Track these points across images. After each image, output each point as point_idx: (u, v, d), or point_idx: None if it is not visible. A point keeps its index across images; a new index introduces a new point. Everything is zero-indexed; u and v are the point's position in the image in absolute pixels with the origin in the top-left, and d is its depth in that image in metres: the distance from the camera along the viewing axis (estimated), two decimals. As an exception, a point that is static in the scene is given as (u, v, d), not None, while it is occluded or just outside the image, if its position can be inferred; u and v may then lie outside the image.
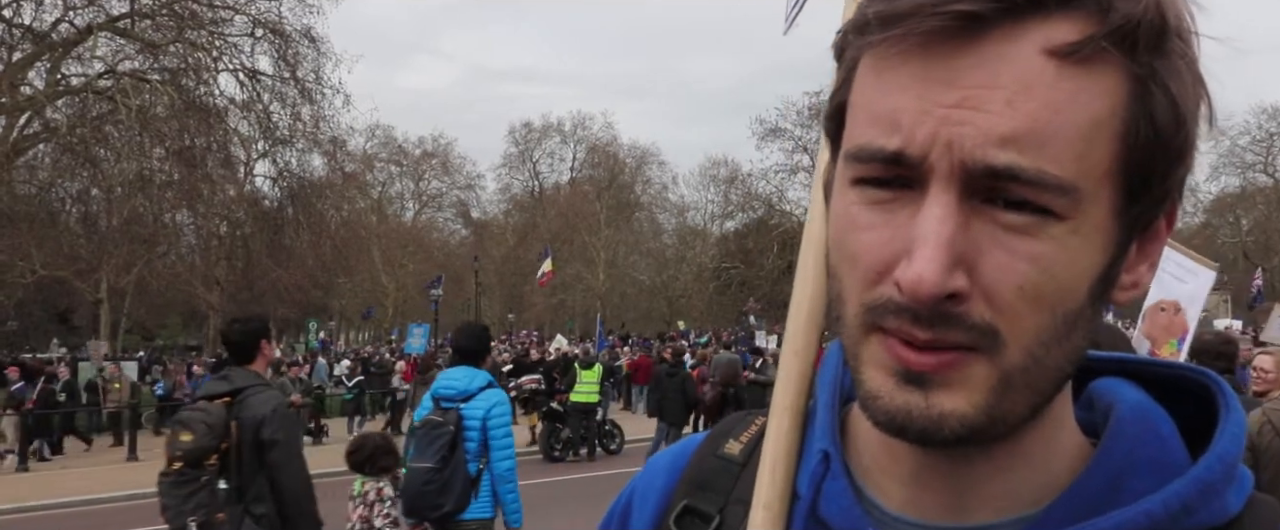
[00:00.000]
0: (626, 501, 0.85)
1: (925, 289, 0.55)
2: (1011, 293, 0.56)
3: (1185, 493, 0.62)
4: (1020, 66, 0.55)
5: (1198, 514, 0.62)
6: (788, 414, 0.75)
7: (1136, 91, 0.57)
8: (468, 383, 5.67)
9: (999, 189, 0.56)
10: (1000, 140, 0.55)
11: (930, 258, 0.55)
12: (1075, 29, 0.55)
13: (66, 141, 28.83)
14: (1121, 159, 0.58)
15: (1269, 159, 50.89)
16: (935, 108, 0.56)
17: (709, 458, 0.80)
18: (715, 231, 59.17)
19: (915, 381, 0.58)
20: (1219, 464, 0.63)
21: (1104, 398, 0.69)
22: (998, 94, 0.55)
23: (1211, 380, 0.71)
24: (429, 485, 5.41)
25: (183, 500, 4.60)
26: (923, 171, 0.56)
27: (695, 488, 0.78)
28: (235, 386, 4.82)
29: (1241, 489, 0.65)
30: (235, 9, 30.73)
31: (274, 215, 35.34)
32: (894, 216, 0.58)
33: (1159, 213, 0.62)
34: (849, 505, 0.68)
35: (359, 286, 50.26)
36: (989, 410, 0.58)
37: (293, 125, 33.09)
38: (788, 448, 0.74)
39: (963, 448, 0.61)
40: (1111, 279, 0.61)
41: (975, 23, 0.55)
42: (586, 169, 59.95)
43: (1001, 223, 0.56)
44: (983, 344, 0.57)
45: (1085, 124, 0.56)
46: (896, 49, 0.57)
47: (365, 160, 53.21)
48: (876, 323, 0.59)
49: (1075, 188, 0.56)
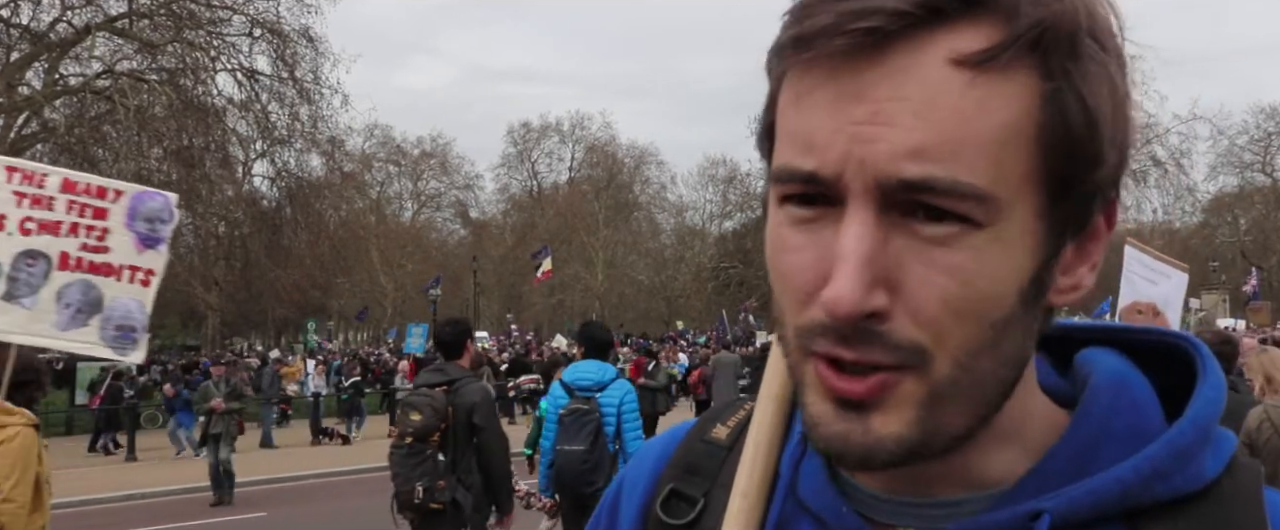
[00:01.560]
0: (617, 490, 0.86)
1: (843, 308, 0.55)
2: (935, 307, 0.56)
3: (1157, 457, 0.61)
4: (926, 78, 0.55)
5: (1172, 479, 0.61)
6: (773, 403, 0.76)
7: (1048, 95, 0.57)
8: (600, 375, 6.38)
9: (917, 201, 0.56)
10: (910, 153, 0.55)
11: (848, 276, 0.55)
12: (981, 37, 0.55)
13: (65, 141, 28.80)
14: (1039, 164, 0.57)
15: (1267, 158, 50.92)
16: (846, 125, 0.56)
17: (696, 443, 0.81)
18: (714, 231, 59.25)
19: (853, 408, 0.59)
20: (1193, 428, 0.63)
21: (1083, 367, 0.70)
22: (906, 106, 0.55)
23: (1191, 344, 0.71)
24: (584, 465, 6.04)
25: (412, 469, 5.54)
26: (840, 189, 0.57)
27: (682, 472, 0.79)
28: (450, 377, 5.76)
29: (1219, 452, 0.64)
30: (233, 9, 30.73)
31: (272, 215, 35.34)
32: (819, 236, 0.58)
33: (1091, 213, 0.62)
34: (823, 485, 0.70)
35: (357, 286, 50.27)
36: (922, 425, 0.59)
37: (291, 125, 33.13)
38: (770, 436, 0.74)
39: (918, 463, 0.61)
40: (1045, 282, 0.61)
41: (881, 37, 0.55)
42: (585, 169, 59.98)
43: (921, 235, 0.56)
44: (910, 362, 0.57)
45: (997, 131, 0.56)
46: (810, 69, 0.57)
47: (363, 160, 53.24)
48: (809, 346, 0.59)
49: (992, 195, 0.56)
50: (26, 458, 4.01)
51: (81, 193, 4.85)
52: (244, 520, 12.74)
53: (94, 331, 4.85)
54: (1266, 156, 50.82)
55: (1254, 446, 4.36)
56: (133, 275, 4.89)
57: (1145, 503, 0.61)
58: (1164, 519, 0.62)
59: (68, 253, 4.74)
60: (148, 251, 4.96)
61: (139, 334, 4.95)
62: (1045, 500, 0.62)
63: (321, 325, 49.46)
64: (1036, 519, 0.61)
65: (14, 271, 4.62)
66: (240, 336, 54.33)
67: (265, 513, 13.00)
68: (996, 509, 0.63)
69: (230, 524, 12.64)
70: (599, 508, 0.88)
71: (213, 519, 12.93)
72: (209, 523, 12.79)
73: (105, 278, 4.82)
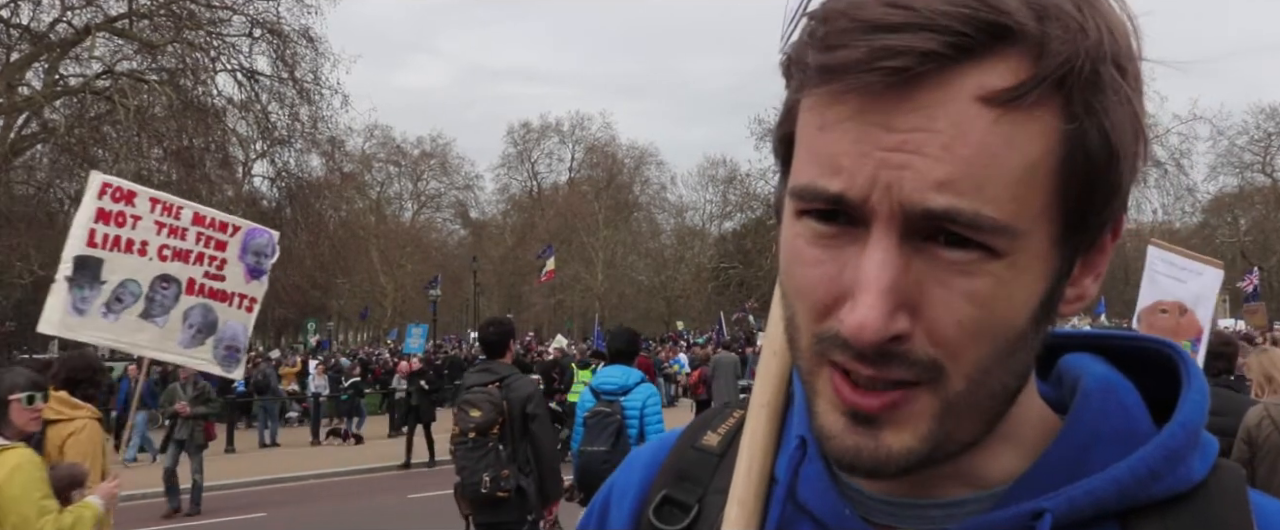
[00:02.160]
0: (605, 497, 0.86)
1: (867, 336, 0.57)
2: (953, 329, 0.58)
3: (1151, 459, 0.63)
4: (955, 113, 0.56)
5: (1164, 479, 0.63)
6: (765, 411, 0.77)
7: (1071, 131, 0.57)
8: (624, 379, 6.67)
9: (939, 230, 0.57)
10: (937, 184, 0.56)
11: (872, 305, 0.57)
12: (1009, 73, 0.56)
13: (64, 142, 28.79)
14: (1058, 195, 0.59)
15: (1267, 159, 50.90)
16: (874, 151, 0.57)
17: (688, 449, 0.82)
18: (714, 231, 59.22)
19: (865, 422, 0.60)
20: (1182, 431, 0.65)
21: (1070, 372, 0.72)
22: (934, 138, 0.56)
23: (1173, 351, 0.73)
24: (605, 465, 6.21)
25: (476, 462, 5.83)
26: (865, 213, 0.58)
27: (674, 478, 0.80)
28: (499, 374, 6.05)
29: (1206, 455, 0.66)
30: (233, 9, 30.72)
31: (272, 215, 35.24)
32: (840, 253, 0.59)
33: (1104, 234, 0.64)
34: (825, 488, 0.70)
35: (357, 287, 50.27)
36: (933, 439, 0.60)
37: (291, 125, 33.11)
38: (764, 444, 0.75)
39: (929, 471, 0.63)
40: (1056, 300, 0.63)
41: (909, 74, 0.56)
42: (585, 169, 59.96)
43: (942, 260, 0.57)
44: (925, 377, 0.59)
45: (1021, 167, 0.57)
46: (837, 96, 0.58)
47: (363, 160, 53.24)
48: (826, 355, 0.61)
49: (1012, 228, 0.57)
50: (95, 449, 4.35)
51: (208, 225, 5.52)
52: (244, 520, 12.75)
53: (208, 350, 5.55)
54: (1266, 157, 50.81)
55: (1254, 443, 4.38)
56: (241, 301, 5.63)
57: (1139, 503, 0.63)
58: (1155, 518, 0.63)
59: (194, 279, 5.41)
60: (253, 281, 5.71)
61: (241, 353, 5.76)
62: (1046, 500, 0.63)
63: (321, 325, 49.42)
64: (1038, 518, 0.63)
65: (151, 293, 5.26)
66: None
67: (265, 513, 13.01)
68: (998, 509, 0.65)
69: (230, 524, 12.64)
70: (587, 513, 0.88)
71: (212, 519, 12.93)
72: (208, 523, 12.79)
73: (221, 303, 5.52)
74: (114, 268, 5.22)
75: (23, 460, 3.68)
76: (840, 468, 0.63)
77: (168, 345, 5.36)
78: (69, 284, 5.12)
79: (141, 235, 5.30)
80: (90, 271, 5.16)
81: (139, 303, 5.24)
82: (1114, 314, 34.87)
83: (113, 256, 5.23)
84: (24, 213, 28.36)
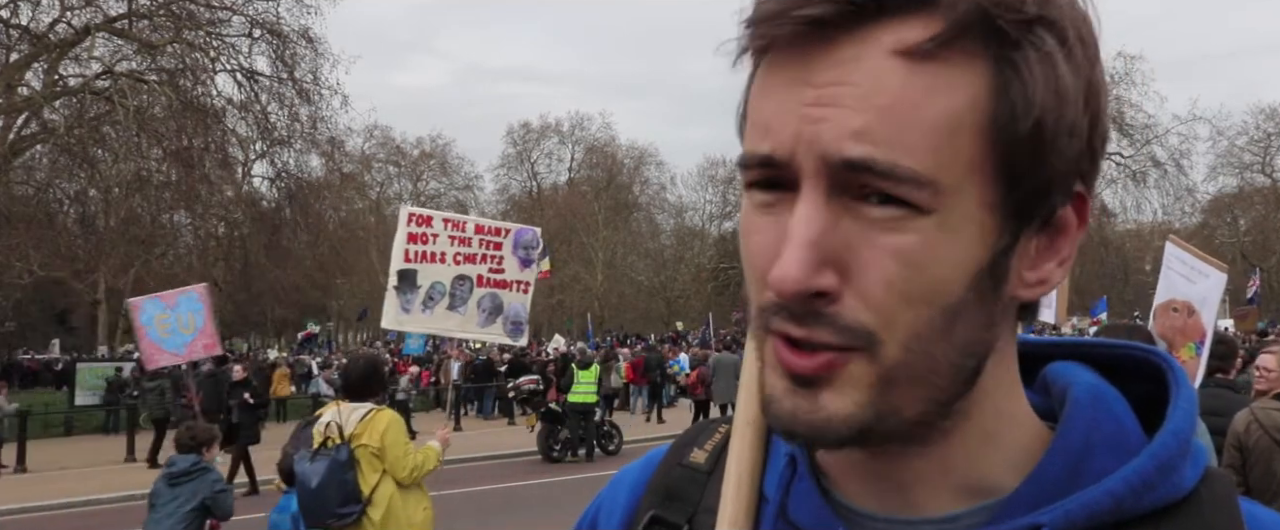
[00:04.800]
0: (593, 516, 0.85)
1: (789, 286, 0.57)
2: (881, 288, 0.57)
3: (1145, 469, 0.63)
4: (872, 67, 0.56)
5: (1158, 489, 0.63)
6: (750, 428, 0.75)
7: (995, 84, 0.57)
8: None
9: (864, 184, 0.57)
10: (854, 133, 0.56)
11: (794, 256, 0.57)
12: (924, 28, 0.56)
13: (64, 142, 28.81)
14: (986, 151, 0.58)
15: (1267, 159, 50.93)
16: (798, 108, 0.58)
17: (675, 467, 0.80)
18: (713, 232, 59.21)
19: (803, 384, 0.60)
20: (1174, 440, 0.64)
21: (1058, 381, 0.70)
22: (852, 91, 0.56)
23: (1161, 358, 0.72)
24: None
25: None
26: (793, 171, 0.58)
27: (662, 497, 0.79)
28: None
29: (1196, 463, 0.65)
30: (233, 9, 30.75)
31: (272, 216, 35.35)
32: (778, 219, 0.60)
33: (1050, 205, 0.61)
34: (817, 506, 0.69)
35: (357, 287, 50.24)
36: (875, 406, 0.59)
37: (290, 126, 33.15)
38: (751, 461, 0.74)
39: (862, 447, 0.62)
40: (1001, 273, 0.61)
41: (827, 28, 0.57)
42: (584, 169, 59.93)
43: (869, 218, 0.57)
44: (858, 344, 0.58)
45: (940, 118, 0.56)
46: (758, 48, 0.60)
47: (363, 161, 53.23)
48: (768, 325, 0.61)
49: (934, 180, 0.56)
50: None
51: (487, 233, 7.19)
52: (244, 520, 12.73)
53: (499, 327, 7.24)
54: (1266, 157, 50.84)
55: (1244, 448, 4.36)
56: (518, 286, 7.21)
57: (1133, 514, 0.63)
58: (1149, 528, 0.63)
59: (482, 275, 7.04)
60: (525, 269, 7.25)
61: (524, 325, 7.46)
62: (1042, 515, 0.62)
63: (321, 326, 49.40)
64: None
65: (453, 290, 6.95)
66: (240, 337, 54.31)
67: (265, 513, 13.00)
68: (994, 523, 0.64)
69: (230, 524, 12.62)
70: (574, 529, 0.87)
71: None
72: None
73: (503, 290, 7.12)
74: (424, 275, 6.91)
75: (393, 417, 5.38)
76: (781, 432, 0.62)
77: (469, 327, 7.11)
78: (396, 291, 6.87)
79: (440, 248, 6.94)
80: (409, 280, 6.85)
81: (445, 298, 6.90)
82: (1114, 315, 34.81)
83: (422, 267, 6.90)
84: (24, 213, 28.37)
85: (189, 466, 6.67)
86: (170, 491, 6.60)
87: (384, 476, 5.26)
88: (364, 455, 5.22)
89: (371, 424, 5.27)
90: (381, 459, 5.24)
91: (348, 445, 5.22)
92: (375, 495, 5.22)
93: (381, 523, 5.20)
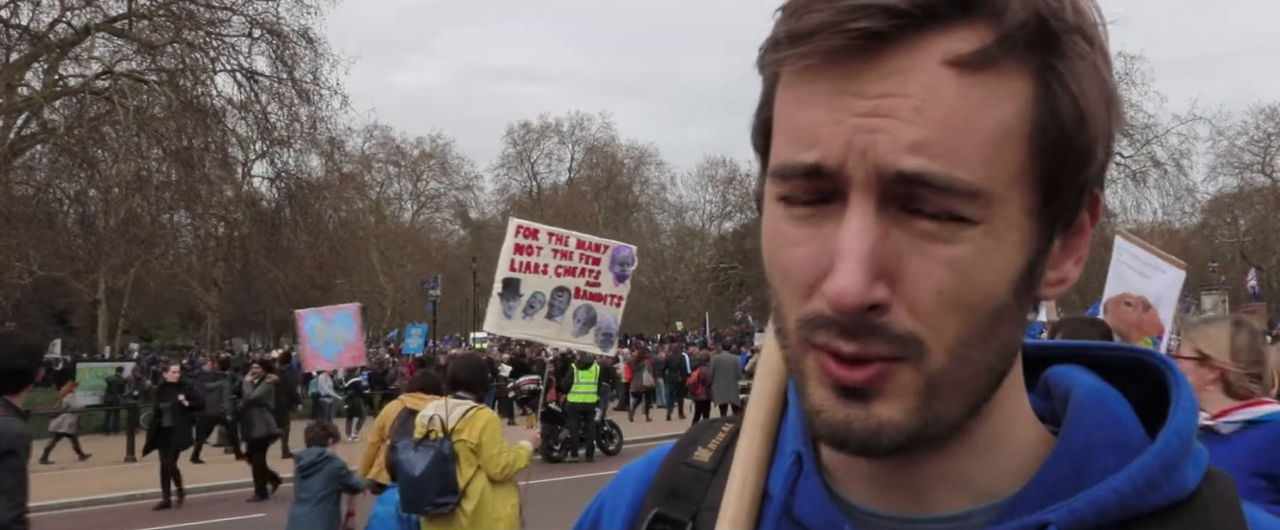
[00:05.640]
0: (596, 512, 0.85)
1: (847, 301, 0.57)
2: (931, 298, 0.58)
3: (1149, 468, 0.64)
4: (925, 78, 0.56)
5: (1161, 489, 0.63)
6: (758, 432, 0.76)
7: (1040, 94, 0.58)
8: None
9: (914, 197, 0.57)
10: (910, 146, 0.56)
11: (851, 270, 0.57)
12: (975, 38, 0.57)
13: (64, 142, 28.81)
14: (1031, 160, 0.59)
15: (1266, 159, 50.93)
16: (848, 118, 0.57)
17: (679, 466, 0.81)
18: (713, 232, 59.24)
19: (854, 396, 0.60)
20: (1177, 439, 0.65)
21: (1060, 384, 0.71)
22: (906, 102, 0.56)
23: (1160, 360, 0.73)
24: None
25: None
26: (841, 181, 0.58)
27: (666, 496, 0.79)
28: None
29: (1198, 463, 0.66)
30: (233, 9, 30.74)
31: (271, 216, 35.33)
32: (819, 230, 0.60)
33: (1079, 209, 0.63)
34: (823, 504, 0.70)
35: (357, 287, 50.19)
36: (922, 414, 0.60)
37: (290, 126, 33.12)
38: (758, 460, 0.75)
39: (918, 453, 0.63)
40: (1035, 276, 0.62)
41: (877, 39, 0.56)
42: (584, 169, 59.97)
43: (920, 229, 0.58)
44: (907, 353, 0.59)
45: (993, 129, 0.57)
46: (806, 64, 0.58)
47: (363, 161, 53.25)
48: (811, 339, 0.60)
49: (986, 192, 0.57)
50: None
51: (587, 248, 7.57)
52: (245, 520, 12.74)
53: (591, 337, 7.62)
54: (1266, 157, 50.84)
55: None
56: (612, 300, 7.61)
57: (1138, 512, 0.63)
58: (1155, 527, 0.64)
59: (579, 287, 7.44)
60: (620, 284, 7.66)
61: (614, 336, 7.90)
62: (1049, 512, 0.63)
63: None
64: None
65: (552, 300, 7.35)
66: (239, 337, 54.31)
67: (264, 514, 12.98)
68: (1001, 522, 0.64)
69: (231, 524, 12.64)
70: (576, 528, 0.87)
71: (212, 519, 12.94)
72: (209, 522, 12.79)
73: (598, 303, 7.52)
74: (527, 284, 7.34)
75: (491, 416, 5.76)
76: (832, 444, 0.62)
77: (565, 335, 7.51)
78: (499, 298, 7.34)
79: (542, 260, 7.35)
80: (512, 288, 7.33)
81: (544, 307, 7.32)
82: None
83: (525, 276, 7.33)
84: (23, 213, 28.36)
85: (315, 458, 7.61)
86: (304, 482, 7.55)
87: (478, 471, 5.60)
88: (462, 450, 5.57)
89: (471, 421, 5.65)
90: (477, 455, 5.60)
91: (450, 439, 5.57)
92: (469, 488, 5.57)
93: (473, 514, 5.57)
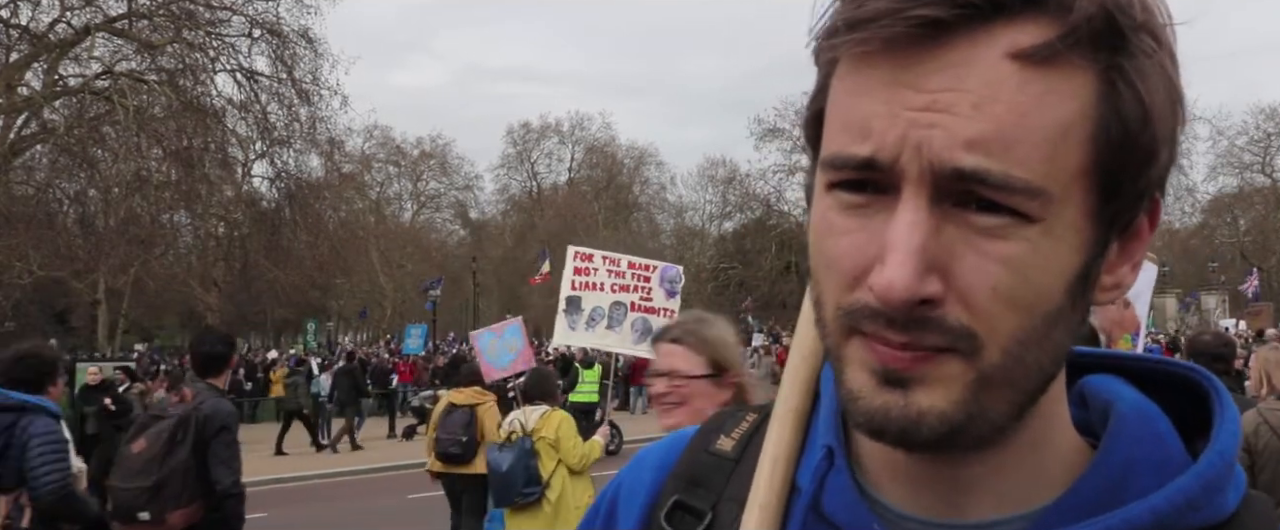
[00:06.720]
0: (613, 495, 0.83)
1: (897, 295, 0.55)
2: (986, 295, 0.56)
3: (1190, 489, 0.62)
4: (986, 71, 0.55)
5: (1202, 510, 0.62)
6: (792, 416, 0.75)
7: (1104, 92, 0.56)
8: None
9: (969, 192, 0.56)
10: (967, 143, 0.55)
11: (901, 263, 0.55)
12: (1039, 32, 0.55)
13: (64, 142, 28.80)
14: (1092, 160, 0.57)
15: (1267, 159, 50.94)
16: (904, 112, 0.56)
17: (701, 453, 0.79)
18: (713, 232, 59.15)
19: (895, 382, 0.58)
20: (1220, 460, 0.64)
21: (1100, 396, 0.69)
22: (965, 97, 0.55)
23: (1203, 377, 0.71)
24: None
25: None
26: (894, 175, 0.57)
27: (687, 483, 0.77)
28: None
29: (1238, 485, 0.65)
30: (232, 10, 30.72)
31: (271, 216, 35.30)
32: (870, 221, 0.58)
33: (1138, 212, 0.62)
34: (853, 501, 0.68)
35: (357, 287, 50.20)
36: (967, 407, 0.58)
37: (290, 126, 33.07)
38: (789, 450, 0.73)
39: (948, 449, 0.61)
40: (1091, 279, 0.61)
41: (938, 29, 0.55)
42: (584, 169, 59.91)
43: (974, 225, 0.56)
44: (960, 345, 0.57)
45: (1053, 127, 0.56)
46: (863, 51, 0.57)
47: (363, 161, 53.20)
48: (854, 326, 0.59)
49: (1044, 190, 0.56)
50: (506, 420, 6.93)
51: (638, 269, 8.50)
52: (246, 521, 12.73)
53: (646, 346, 8.17)
54: (1266, 157, 50.85)
55: (1253, 451, 4.29)
56: (664, 312, 8.26)
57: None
58: None
59: (634, 302, 8.34)
60: (671, 299, 8.46)
61: None
62: (1083, 527, 0.62)
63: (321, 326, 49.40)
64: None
65: (610, 313, 8.32)
66: (240, 337, 54.31)
67: (266, 513, 12.99)
68: None
69: (230, 524, 12.62)
70: (593, 508, 0.86)
71: (212, 519, 12.92)
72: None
73: (651, 315, 8.28)
74: (587, 301, 8.36)
75: (565, 416, 6.65)
76: (868, 431, 0.60)
77: (625, 344, 8.41)
78: (564, 314, 8.46)
79: (599, 279, 8.39)
80: (574, 305, 8.40)
81: (604, 320, 8.31)
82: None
83: (585, 294, 8.37)
84: (23, 213, 28.34)
85: None
86: None
87: (558, 465, 6.35)
88: (542, 447, 6.36)
89: (548, 421, 6.50)
90: (557, 449, 6.36)
91: (530, 438, 6.38)
92: (552, 480, 6.35)
93: (556, 503, 6.31)
